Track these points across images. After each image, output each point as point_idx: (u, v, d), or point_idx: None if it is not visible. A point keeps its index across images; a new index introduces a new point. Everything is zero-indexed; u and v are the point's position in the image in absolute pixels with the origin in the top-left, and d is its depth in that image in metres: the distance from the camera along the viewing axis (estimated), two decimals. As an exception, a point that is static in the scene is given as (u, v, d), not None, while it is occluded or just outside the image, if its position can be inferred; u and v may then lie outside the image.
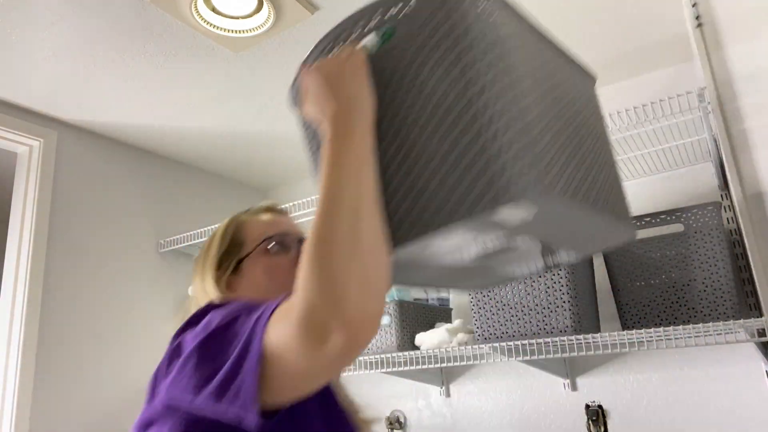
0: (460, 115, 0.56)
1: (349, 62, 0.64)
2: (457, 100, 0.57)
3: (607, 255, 1.50)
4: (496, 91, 0.57)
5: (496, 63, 0.58)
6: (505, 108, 0.56)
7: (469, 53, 0.57)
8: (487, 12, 0.61)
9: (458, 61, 0.58)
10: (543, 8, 1.50)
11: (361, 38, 0.67)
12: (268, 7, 1.42)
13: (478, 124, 0.55)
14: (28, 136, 1.86)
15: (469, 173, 0.55)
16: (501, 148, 0.54)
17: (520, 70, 0.62)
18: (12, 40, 1.50)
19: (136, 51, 1.58)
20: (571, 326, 1.35)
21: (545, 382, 1.82)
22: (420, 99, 0.60)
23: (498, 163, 0.54)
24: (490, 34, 0.60)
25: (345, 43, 0.69)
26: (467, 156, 0.55)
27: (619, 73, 1.85)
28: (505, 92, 0.57)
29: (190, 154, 2.29)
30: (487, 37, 0.59)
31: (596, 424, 1.69)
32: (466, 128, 0.56)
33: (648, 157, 1.72)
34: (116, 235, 2.06)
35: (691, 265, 1.37)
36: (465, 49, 0.58)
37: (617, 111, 1.39)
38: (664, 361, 1.65)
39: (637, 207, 1.80)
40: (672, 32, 1.64)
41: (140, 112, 1.93)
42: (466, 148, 0.56)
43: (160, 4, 1.38)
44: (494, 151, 0.54)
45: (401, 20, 0.63)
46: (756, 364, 1.53)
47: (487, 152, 0.54)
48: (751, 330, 1.16)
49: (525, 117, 0.58)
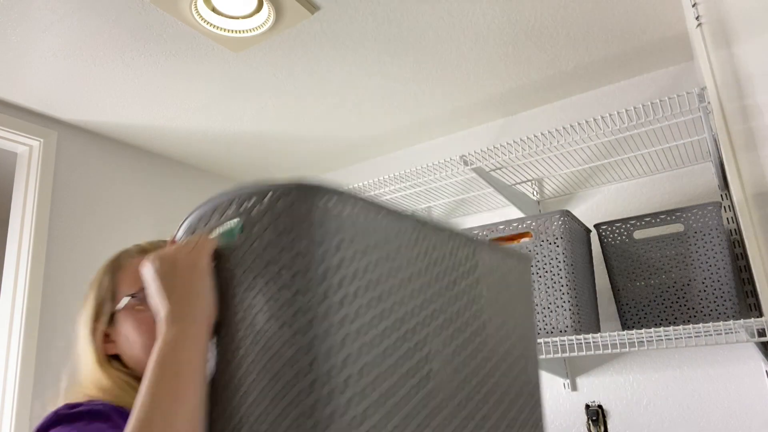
0: (284, 348, 0.48)
1: (189, 256, 0.58)
2: (281, 331, 0.48)
3: (607, 255, 1.50)
4: (336, 322, 0.48)
5: (335, 289, 0.48)
6: (345, 343, 0.48)
7: (303, 277, 0.48)
8: (344, 219, 0.51)
9: (291, 284, 0.49)
10: (543, 8, 1.50)
11: (212, 228, 0.59)
12: (268, 7, 1.42)
13: (305, 359, 0.46)
14: (28, 136, 1.86)
15: (292, 415, 0.46)
16: (333, 390, 0.46)
17: (375, 292, 0.52)
18: (12, 40, 1.50)
19: (136, 51, 1.58)
20: (571, 326, 1.35)
21: (545, 382, 1.82)
22: (248, 317, 0.52)
23: (326, 410, 0.45)
24: (339, 254, 0.50)
25: (204, 227, 0.60)
26: (290, 395, 0.47)
27: (619, 73, 1.85)
28: (344, 324, 0.48)
29: (190, 154, 2.29)
30: (335, 255, 0.49)
31: (596, 424, 1.69)
32: (291, 362, 0.47)
33: (648, 157, 1.72)
34: (116, 235, 2.06)
35: (691, 265, 1.37)
36: (300, 272, 0.48)
37: (617, 111, 1.39)
38: (664, 361, 1.65)
39: (637, 207, 1.80)
40: (672, 32, 1.64)
41: (140, 112, 1.93)
42: (289, 384, 0.47)
43: (160, 4, 1.38)
44: (324, 394, 0.46)
45: (252, 217, 0.53)
46: (756, 364, 1.53)
47: (314, 394, 0.46)
48: (751, 330, 1.16)
49: (373, 357, 0.49)
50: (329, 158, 2.41)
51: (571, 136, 1.47)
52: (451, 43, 1.63)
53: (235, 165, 2.43)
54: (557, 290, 1.38)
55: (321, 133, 2.16)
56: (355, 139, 2.24)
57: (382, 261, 0.53)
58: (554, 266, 1.39)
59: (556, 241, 1.40)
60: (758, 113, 1.08)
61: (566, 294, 1.37)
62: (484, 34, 1.61)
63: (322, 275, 0.48)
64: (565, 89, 1.94)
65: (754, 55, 1.10)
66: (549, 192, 1.95)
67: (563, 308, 1.37)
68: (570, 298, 1.37)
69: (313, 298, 0.47)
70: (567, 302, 1.37)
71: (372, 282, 0.51)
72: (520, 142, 1.54)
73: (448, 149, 2.22)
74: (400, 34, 1.58)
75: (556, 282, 1.39)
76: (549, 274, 1.40)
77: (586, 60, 1.76)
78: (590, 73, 1.84)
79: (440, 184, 1.81)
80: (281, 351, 0.48)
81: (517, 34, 1.61)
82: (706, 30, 1.15)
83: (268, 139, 2.19)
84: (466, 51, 1.68)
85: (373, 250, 0.53)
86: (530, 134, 1.90)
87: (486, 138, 2.14)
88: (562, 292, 1.38)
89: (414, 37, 1.60)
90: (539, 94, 1.96)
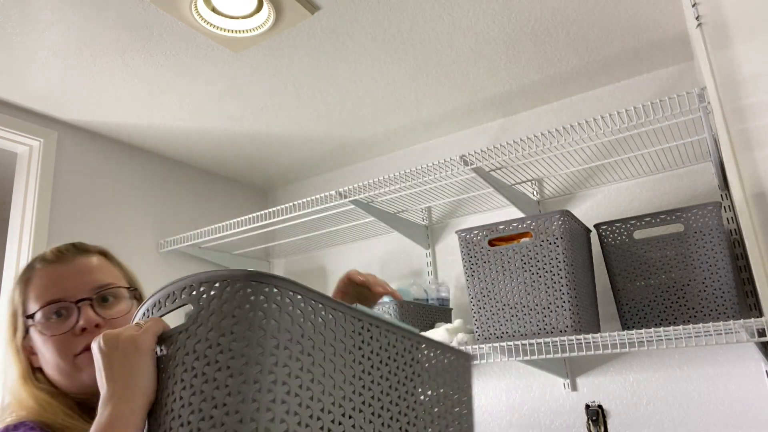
0: (209, 425, 0.50)
1: (132, 336, 0.58)
2: (210, 411, 0.51)
3: (607, 255, 1.50)
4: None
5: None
6: (274, 423, 0.50)
7: (239, 360, 0.51)
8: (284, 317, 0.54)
9: (227, 366, 0.52)
10: (543, 9, 1.50)
11: (166, 312, 0.61)
12: (268, 7, 1.42)
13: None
14: (28, 136, 1.86)
15: None
16: None
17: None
18: (12, 40, 1.50)
19: (136, 51, 1.58)
20: (571, 326, 1.35)
21: (545, 382, 1.82)
22: (183, 398, 0.53)
23: None
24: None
25: (157, 313, 0.62)
26: None
27: (619, 73, 1.85)
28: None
29: (190, 154, 2.29)
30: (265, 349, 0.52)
31: (596, 424, 1.69)
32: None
33: (648, 157, 1.72)
34: (116, 235, 2.06)
35: (691, 265, 1.37)
36: (236, 356, 0.52)
37: (617, 111, 1.39)
38: (664, 361, 1.65)
39: (637, 207, 1.80)
40: (672, 32, 1.64)
41: (140, 112, 1.93)
42: None
43: (160, 4, 1.38)
44: None
45: (200, 304, 0.56)
46: (756, 364, 1.53)
47: None
48: (751, 330, 1.16)
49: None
50: (329, 158, 2.41)
51: (571, 136, 1.47)
52: (451, 43, 1.63)
53: (235, 165, 2.43)
54: (557, 290, 1.38)
55: (321, 133, 2.16)
56: (355, 139, 2.24)
57: (318, 349, 0.56)
58: (554, 266, 1.39)
59: (556, 241, 1.40)
60: (758, 113, 1.08)
61: (566, 294, 1.37)
62: (484, 34, 1.61)
63: (256, 358, 0.52)
64: (565, 89, 1.94)
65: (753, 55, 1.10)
66: (549, 192, 1.95)
67: (563, 308, 1.37)
68: (570, 298, 1.37)
69: (246, 381, 0.51)
70: (567, 302, 1.37)
71: (305, 367, 0.54)
72: (520, 142, 1.54)
73: (448, 149, 2.22)
74: (400, 33, 1.58)
75: (556, 282, 1.39)
76: (549, 274, 1.40)
77: (586, 60, 1.76)
78: (590, 73, 1.84)
79: (440, 184, 1.81)
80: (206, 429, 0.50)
81: (517, 34, 1.61)
82: (706, 30, 1.15)
83: (268, 139, 2.19)
84: (467, 51, 1.68)
85: (310, 339, 0.56)
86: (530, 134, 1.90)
87: (486, 138, 2.14)
88: (562, 292, 1.38)
89: (414, 37, 1.60)
90: (539, 94, 1.96)
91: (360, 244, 2.36)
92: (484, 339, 1.47)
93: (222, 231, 2.06)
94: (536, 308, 1.40)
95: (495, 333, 1.46)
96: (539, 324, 1.39)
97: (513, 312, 1.44)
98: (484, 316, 1.48)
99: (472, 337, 1.58)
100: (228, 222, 2.04)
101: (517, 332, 1.42)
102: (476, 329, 1.49)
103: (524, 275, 1.43)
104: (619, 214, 1.82)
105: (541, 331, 1.39)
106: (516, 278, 1.44)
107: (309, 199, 1.89)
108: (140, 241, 2.13)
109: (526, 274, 1.43)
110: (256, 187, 2.70)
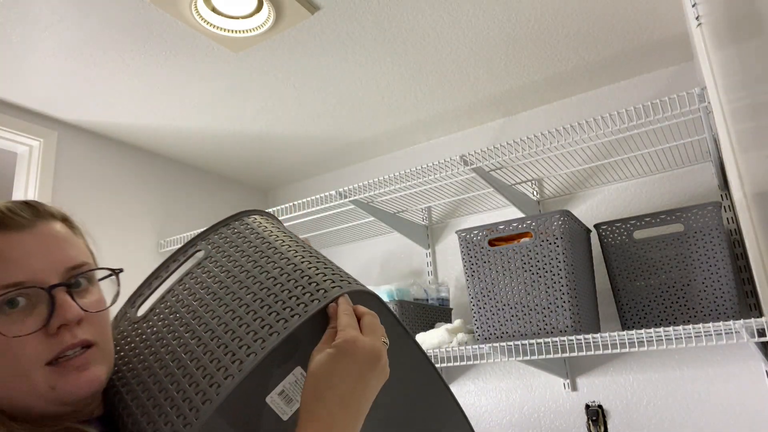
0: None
1: (378, 354, 0.55)
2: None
3: (607, 255, 1.50)
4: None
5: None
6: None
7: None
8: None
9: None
10: (543, 9, 1.50)
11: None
12: (268, 7, 1.42)
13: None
14: (28, 136, 1.86)
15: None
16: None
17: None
18: (12, 40, 1.50)
19: (136, 51, 1.58)
20: (571, 326, 1.35)
21: (545, 382, 1.82)
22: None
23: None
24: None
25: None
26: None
27: (619, 73, 1.85)
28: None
29: (190, 154, 2.29)
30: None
31: (596, 424, 1.69)
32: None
33: (648, 157, 1.72)
34: (116, 235, 2.06)
35: (691, 265, 1.37)
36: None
37: (617, 111, 1.39)
38: (664, 361, 1.65)
39: (637, 207, 1.80)
40: (672, 32, 1.64)
41: (140, 112, 1.93)
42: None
43: (160, 4, 1.38)
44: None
45: None
46: (756, 364, 1.53)
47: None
48: (751, 330, 1.16)
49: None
50: (329, 158, 2.41)
51: (571, 136, 1.47)
52: (451, 43, 1.63)
53: (235, 165, 2.43)
54: (557, 290, 1.38)
55: (321, 133, 2.16)
56: (355, 139, 2.24)
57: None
58: (554, 266, 1.39)
59: (556, 241, 1.40)
60: (758, 113, 1.07)
61: (566, 294, 1.37)
62: (484, 34, 1.61)
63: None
64: (565, 89, 1.94)
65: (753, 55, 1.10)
66: (549, 192, 1.95)
67: (563, 308, 1.37)
68: (570, 298, 1.37)
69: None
70: (567, 302, 1.37)
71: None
72: (520, 142, 1.53)
73: (448, 149, 2.22)
74: (400, 34, 1.58)
75: (556, 282, 1.39)
76: (549, 274, 1.40)
77: (586, 60, 1.76)
78: (590, 73, 1.84)
79: (440, 184, 1.81)
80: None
81: (517, 34, 1.61)
82: (706, 30, 1.15)
83: (268, 139, 2.19)
84: (467, 51, 1.68)
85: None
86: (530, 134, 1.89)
87: (486, 138, 2.14)
88: (562, 292, 1.38)
89: (414, 37, 1.60)
90: (539, 94, 1.96)
91: (360, 244, 2.36)
92: (484, 339, 1.47)
93: (222, 231, 2.05)
94: (536, 308, 1.40)
95: (495, 333, 1.46)
96: (539, 324, 1.39)
97: (513, 312, 1.44)
98: (484, 316, 1.48)
99: (472, 337, 1.58)
100: (228, 222, 2.03)
101: (517, 332, 1.42)
102: (476, 329, 1.49)
103: (524, 275, 1.43)
104: (619, 214, 1.82)
105: (541, 331, 1.39)
106: (516, 278, 1.44)
107: (309, 199, 1.89)
108: (140, 241, 2.13)
109: (526, 274, 1.43)
110: (256, 187, 2.70)
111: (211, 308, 0.60)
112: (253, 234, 0.68)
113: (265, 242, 0.66)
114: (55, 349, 0.55)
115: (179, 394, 0.54)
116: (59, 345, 0.55)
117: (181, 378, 0.55)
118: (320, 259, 0.64)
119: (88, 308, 0.58)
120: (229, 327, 0.57)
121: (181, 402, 0.53)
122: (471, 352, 1.52)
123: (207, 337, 0.57)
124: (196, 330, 0.59)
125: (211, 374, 0.53)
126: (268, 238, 0.66)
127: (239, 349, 0.54)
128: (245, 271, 0.63)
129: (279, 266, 0.62)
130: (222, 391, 0.51)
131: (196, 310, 0.61)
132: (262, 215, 0.74)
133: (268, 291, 0.59)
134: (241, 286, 0.61)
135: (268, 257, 0.63)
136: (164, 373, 0.57)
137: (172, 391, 0.54)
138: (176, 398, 0.54)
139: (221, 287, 0.62)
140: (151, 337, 0.62)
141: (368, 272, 2.31)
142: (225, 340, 0.56)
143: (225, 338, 0.56)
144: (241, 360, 0.53)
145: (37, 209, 0.61)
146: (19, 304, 0.55)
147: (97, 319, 0.60)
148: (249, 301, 0.59)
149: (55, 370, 0.55)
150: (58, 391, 0.54)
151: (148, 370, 0.58)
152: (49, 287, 0.56)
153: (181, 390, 0.54)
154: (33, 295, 0.55)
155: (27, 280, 0.55)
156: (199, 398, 0.52)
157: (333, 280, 0.60)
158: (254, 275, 0.62)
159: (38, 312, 0.55)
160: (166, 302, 0.65)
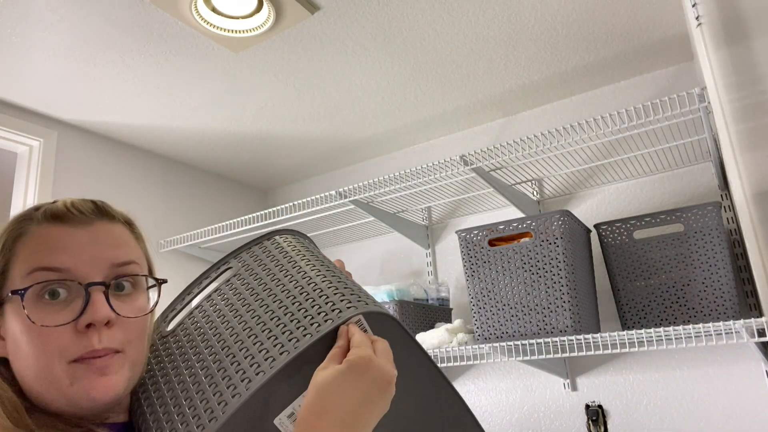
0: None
1: (389, 376, 0.55)
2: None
3: (607, 255, 1.50)
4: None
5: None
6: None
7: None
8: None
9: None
10: (543, 8, 1.50)
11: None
12: (268, 7, 1.42)
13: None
14: (28, 136, 1.86)
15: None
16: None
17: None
18: (12, 40, 1.50)
19: (136, 51, 1.58)
20: (571, 326, 1.35)
21: (545, 382, 1.82)
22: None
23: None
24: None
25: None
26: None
27: (619, 73, 1.85)
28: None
29: (190, 154, 2.29)
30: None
31: (596, 424, 1.69)
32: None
33: (648, 157, 1.72)
34: (116, 235, 2.06)
35: (691, 265, 1.37)
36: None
37: (617, 111, 1.39)
38: (664, 361, 1.65)
39: (637, 207, 1.80)
40: (672, 32, 1.64)
41: (140, 112, 1.93)
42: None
43: (160, 4, 1.38)
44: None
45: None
46: (756, 364, 1.53)
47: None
48: (751, 330, 1.16)
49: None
50: (329, 158, 2.41)
51: (571, 136, 1.47)
52: (451, 43, 1.63)
53: (234, 165, 2.43)
54: (557, 290, 1.38)
55: (321, 133, 2.16)
56: (355, 139, 2.24)
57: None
58: (554, 266, 1.39)
59: (556, 241, 1.40)
60: (758, 113, 1.08)
61: (566, 294, 1.37)
62: (484, 34, 1.61)
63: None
64: (565, 89, 1.94)
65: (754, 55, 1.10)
66: (549, 192, 1.95)
67: (563, 308, 1.37)
68: (570, 298, 1.37)
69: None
70: (567, 302, 1.37)
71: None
72: (520, 142, 1.54)
73: (448, 149, 2.22)
74: (400, 34, 1.58)
75: (556, 282, 1.39)
76: (549, 274, 1.40)
77: (586, 60, 1.76)
78: (590, 73, 1.84)
79: (440, 184, 1.81)
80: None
81: (517, 34, 1.61)
82: (706, 30, 1.15)
83: (268, 139, 2.19)
84: (467, 51, 1.68)
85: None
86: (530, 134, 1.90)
87: (486, 138, 2.14)
88: (562, 292, 1.38)
89: (414, 37, 1.60)
90: (539, 94, 1.96)
91: (360, 244, 2.36)
92: (484, 339, 1.47)
93: (222, 231, 2.06)
94: (536, 308, 1.40)
95: (495, 333, 1.46)
96: (539, 324, 1.39)
97: (513, 312, 1.44)
98: (484, 316, 1.48)
99: (472, 337, 1.58)
100: (228, 222, 2.04)
101: (517, 332, 1.42)
102: (476, 329, 1.49)
103: (524, 275, 1.43)
104: (619, 214, 1.82)
105: (541, 331, 1.39)
106: (516, 278, 1.44)
107: (309, 199, 1.89)
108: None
109: (526, 274, 1.43)
110: (256, 187, 2.70)
111: (231, 326, 0.61)
112: (282, 253, 0.69)
113: (291, 261, 0.67)
114: (81, 349, 0.55)
115: (190, 410, 0.55)
116: (85, 346, 0.55)
117: (195, 394, 0.56)
118: (342, 279, 0.64)
119: (120, 312, 0.58)
120: (245, 345, 0.58)
121: (191, 418, 0.54)
122: (471, 352, 1.52)
123: (223, 354, 0.58)
124: (214, 347, 0.60)
125: (221, 392, 0.54)
126: (295, 257, 0.68)
127: (250, 368, 0.55)
128: (268, 289, 0.64)
129: (300, 285, 0.63)
130: (228, 409, 0.52)
131: (217, 327, 0.62)
132: (293, 235, 0.76)
133: (285, 309, 0.60)
134: (261, 304, 0.62)
135: (291, 276, 0.64)
136: (181, 388, 0.58)
137: (185, 406, 0.56)
138: (187, 414, 0.55)
139: (244, 304, 0.63)
140: (175, 352, 0.63)
141: (368, 272, 2.31)
142: (239, 357, 0.57)
143: (239, 356, 0.57)
144: (250, 379, 0.53)
145: (99, 208, 0.65)
146: (60, 295, 0.56)
147: (131, 326, 0.59)
148: (266, 319, 0.59)
149: (79, 366, 0.55)
150: (75, 388, 0.54)
151: (167, 384, 0.60)
152: (87, 284, 0.56)
153: (193, 406, 0.55)
154: (73, 288, 0.56)
155: (69, 269, 0.56)
156: (207, 415, 0.53)
157: (350, 300, 0.59)
158: (275, 293, 0.63)
159: (73, 307, 0.56)
160: (192, 318, 0.67)
